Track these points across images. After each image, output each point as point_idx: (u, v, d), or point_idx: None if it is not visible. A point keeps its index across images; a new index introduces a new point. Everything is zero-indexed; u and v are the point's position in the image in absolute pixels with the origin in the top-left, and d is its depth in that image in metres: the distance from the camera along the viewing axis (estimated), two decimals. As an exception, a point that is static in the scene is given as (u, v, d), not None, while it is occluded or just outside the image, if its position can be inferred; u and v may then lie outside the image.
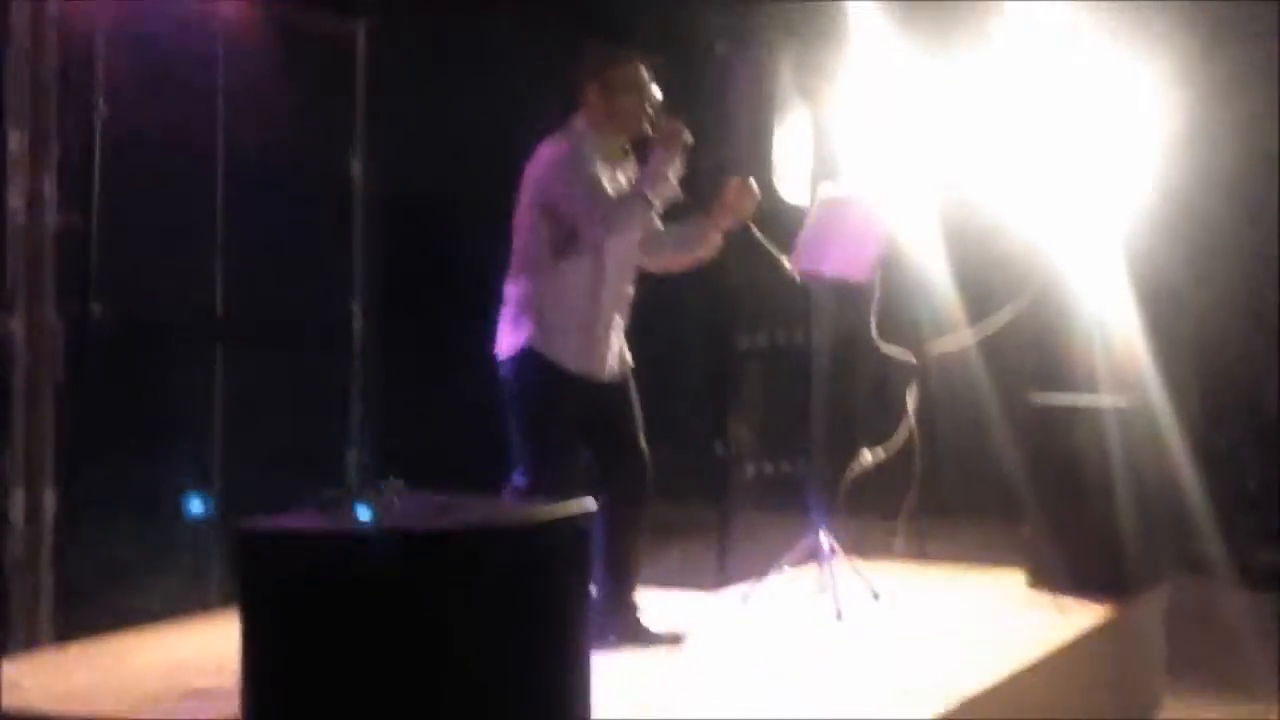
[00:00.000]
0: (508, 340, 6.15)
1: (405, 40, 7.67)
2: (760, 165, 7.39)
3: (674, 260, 6.42)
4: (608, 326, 6.20)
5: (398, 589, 4.45)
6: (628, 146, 6.26)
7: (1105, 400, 7.39)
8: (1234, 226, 7.57)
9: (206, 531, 6.81)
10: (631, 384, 6.30)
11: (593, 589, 5.62)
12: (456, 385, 7.45)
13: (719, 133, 7.24)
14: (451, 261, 7.65)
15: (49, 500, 6.26)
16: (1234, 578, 7.23)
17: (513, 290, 6.17)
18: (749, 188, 6.24)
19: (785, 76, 7.86)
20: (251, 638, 4.35)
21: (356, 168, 7.56)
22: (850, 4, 7.75)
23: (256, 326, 7.08)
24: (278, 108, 7.14)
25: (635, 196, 6.05)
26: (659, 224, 6.27)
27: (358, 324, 7.47)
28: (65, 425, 6.29)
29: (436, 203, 7.71)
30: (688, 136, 6.08)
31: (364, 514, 4.45)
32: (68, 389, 6.30)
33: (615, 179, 6.17)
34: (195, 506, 6.71)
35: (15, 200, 6.24)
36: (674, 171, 6.08)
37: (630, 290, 6.31)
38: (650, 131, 6.14)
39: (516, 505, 5.52)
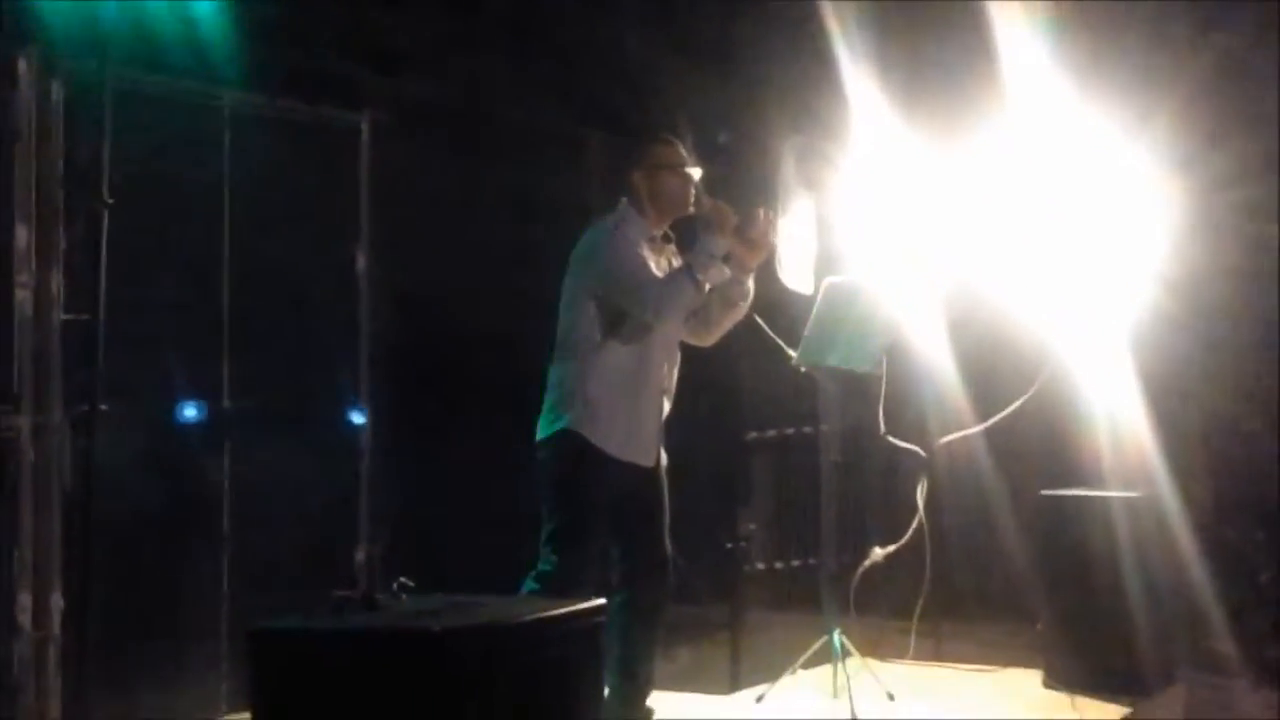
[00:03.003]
0: (549, 422, 6.05)
1: (409, 132, 7.67)
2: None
3: (719, 324, 6.30)
4: (652, 410, 6.13)
5: (410, 689, 4.43)
6: (669, 231, 6.24)
7: (1114, 493, 7.36)
8: (1240, 317, 7.54)
9: (216, 633, 6.74)
10: (664, 477, 6.21)
11: (605, 690, 5.58)
12: (464, 481, 7.42)
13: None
14: (458, 354, 7.62)
15: (56, 602, 6.19)
16: (1248, 675, 7.14)
17: (557, 373, 6.10)
18: (771, 217, 6.18)
19: (789, 166, 7.84)
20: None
21: (362, 260, 7.54)
22: (854, 94, 7.74)
23: (264, 422, 7.01)
24: (283, 200, 7.13)
25: (685, 278, 5.97)
26: (702, 300, 6.17)
27: (365, 419, 7.43)
28: (72, 526, 6.22)
29: (442, 295, 7.67)
30: (734, 216, 6.05)
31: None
32: (74, 488, 6.23)
33: (659, 263, 6.14)
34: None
35: (22, 296, 6.21)
36: (721, 251, 6.02)
37: (674, 375, 6.25)
38: (693, 211, 6.12)
39: (528, 603, 5.46)
